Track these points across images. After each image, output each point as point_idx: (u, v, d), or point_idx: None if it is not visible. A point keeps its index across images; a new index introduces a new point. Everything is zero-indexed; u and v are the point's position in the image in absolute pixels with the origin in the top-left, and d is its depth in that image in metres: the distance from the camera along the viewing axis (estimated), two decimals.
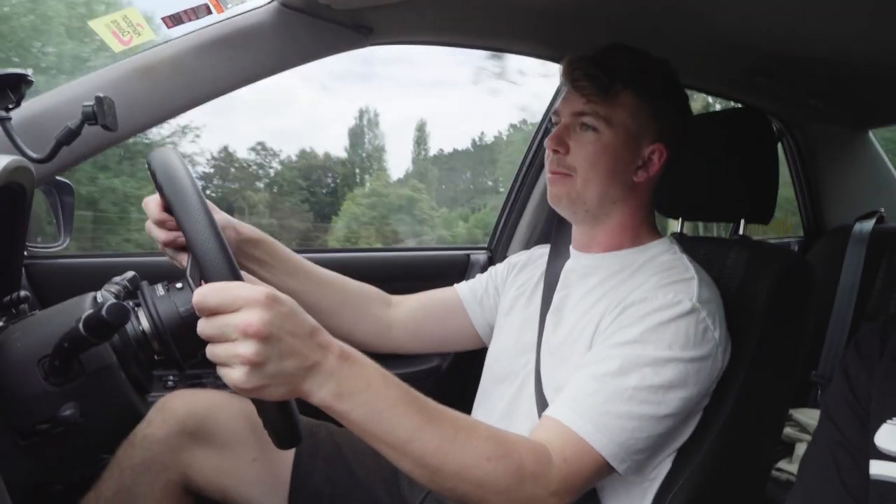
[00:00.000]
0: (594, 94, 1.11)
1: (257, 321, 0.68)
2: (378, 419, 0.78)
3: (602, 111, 1.11)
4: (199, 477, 1.17)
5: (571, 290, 1.18)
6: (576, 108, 1.13)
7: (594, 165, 1.12)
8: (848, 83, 1.70)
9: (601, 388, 0.95)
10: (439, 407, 0.84)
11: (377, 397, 0.78)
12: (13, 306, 0.90)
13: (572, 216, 1.20)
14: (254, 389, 0.70)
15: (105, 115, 0.97)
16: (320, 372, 0.74)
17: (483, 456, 0.84)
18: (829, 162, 2.29)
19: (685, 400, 0.97)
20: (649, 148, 1.14)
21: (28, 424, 0.75)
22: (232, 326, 0.68)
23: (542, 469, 0.88)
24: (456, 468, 0.82)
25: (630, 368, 0.96)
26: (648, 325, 0.99)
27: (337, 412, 0.76)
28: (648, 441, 0.96)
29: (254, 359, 0.68)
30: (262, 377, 0.69)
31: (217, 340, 0.70)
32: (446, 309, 1.39)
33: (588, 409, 0.94)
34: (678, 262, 1.11)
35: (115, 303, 0.71)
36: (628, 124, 1.12)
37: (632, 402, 0.94)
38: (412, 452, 0.80)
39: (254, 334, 0.68)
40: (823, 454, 0.78)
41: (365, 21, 1.33)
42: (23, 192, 0.92)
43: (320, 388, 0.74)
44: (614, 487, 1.07)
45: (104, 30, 1.14)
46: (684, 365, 0.97)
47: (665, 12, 1.33)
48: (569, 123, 1.14)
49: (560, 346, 1.12)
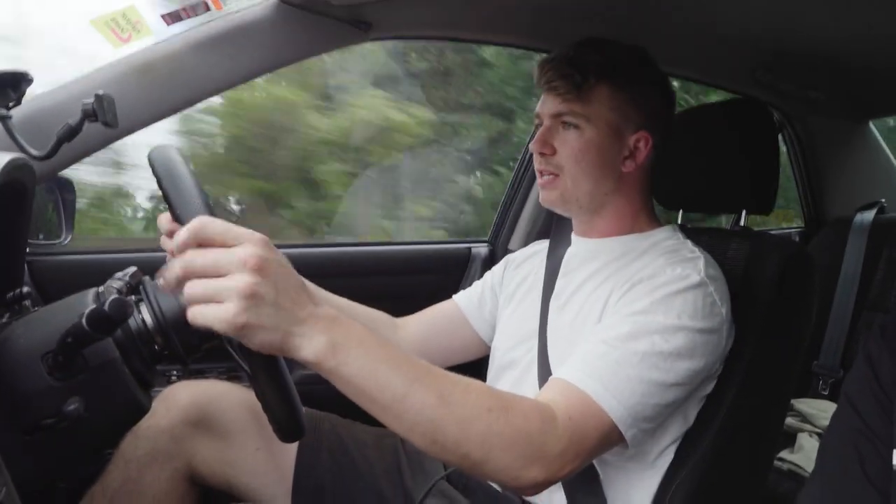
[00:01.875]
0: (569, 92, 1.12)
1: (258, 255, 0.67)
2: (372, 374, 0.74)
3: (579, 109, 1.12)
4: (204, 467, 1.18)
5: (575, 274, 1.19)
6: (554, 110, 1.15)
7: (580, 162, 1.13)
8: (848, 74, 1.69)
9: (611, 351, 0.95)
10: (433, 366, 0.81)
11: (370, 352, 0.75)
12: (16, 302, 0.90)
13: (568, 213, 1.22)
14: (245, 327, 0.66)
15: (105, 112, 0.97)
16: (312, 325, 0.71)
17: (484, 407, 0.81)
18: (829, 153, 2.29)
19: (691, 371, 0.97)
20: (634, 137, 1.15)
21: (32, 420, 0.75)
22: (229, 258, 0.66)
23: (548, 426, 0.85)
24: (456, 422, 0.78)
25: (640, 334, 0.96)
26: (658, 296, 1.00)
27: (328, 368, 0.73)
28: (655, 410, 0.95)
29: (251, 291, 0.65)
30: (257, 314, 0.66)
31: (205, 274, 0.67)
32: (450, 321, 1.41)
33: (596, 369, 0.93)
34: (682, 245, 1.13)
35: (117, 298, 0.71)
36: (608, 117, 1.13)
37: (641, 365, 0.94)
38: (410, 408, 0.76)
39: (254, 266, 0.66)
40: (844, 442, 0.76)
41: (364, 16, 1.33)
42: (24, 189, 0.93)
43: (311, 342, 0.71)
44: (618, 478, 1.07)
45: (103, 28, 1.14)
46: (693, 335, 0.97)
47: (664, 5, 1.33)
48: (550, 125, 1.16)
49: (568, 328, 1.13)
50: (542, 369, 1.13)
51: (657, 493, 1.08)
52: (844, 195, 2.29)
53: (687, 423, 1.08)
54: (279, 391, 0.75)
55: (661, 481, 1.08)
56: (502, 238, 2.04)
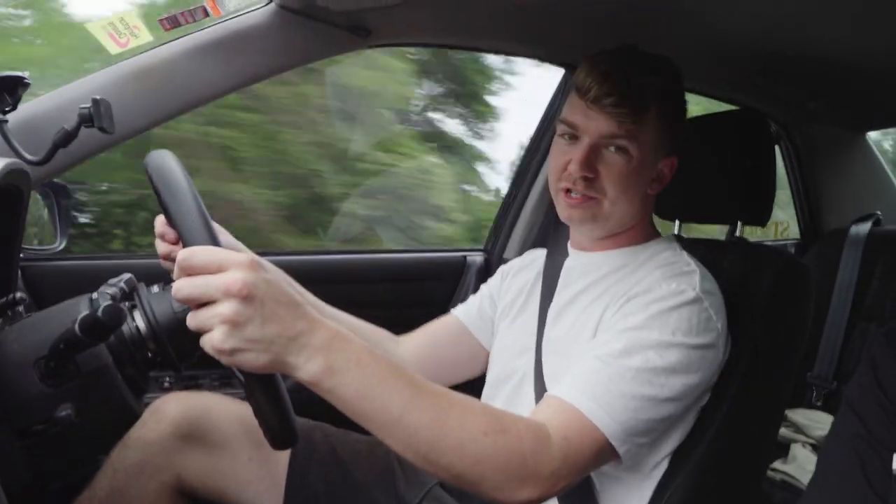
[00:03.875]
0: (626, 116, 1.05)
1: (241, 280, 0.68)
2: (369, 395, 0.75)
3: (634, 133, 1.06)
4: (194, 479, 1.17)
5: (572, 287, 1.18)
6: (607, 131, 1.06)
7: (625, 188, 1.08)
8: (846, 85, 1.70)
9: (604, 368, 0.95)
10: (432, 383, 0.82)
11: (367, 373, 0.75)
12: (9, 308, 0.90)
13: (589, 232, 1.17)
14: (231, 352, 0.68)
15: (102, 117, 0.97)
16: (306, 345, 0.72)
17: (480, 430, 0.81)
18: (826, 164, 2.30)
19: (687, 386, 0.97)
20: (664, 161, 1.14)
21: (24, 425, 0.75)
22: (214, 286, 0.68)
23: (542, 447, 0.86)
24: (451, 443, 0.79)
25: (634, 350, 0.96)
26: (653, 311, 0.99)
27: (325, 389, 0.74)
28: (649, 425, 0.95)
29: (233, 318, 0.67)
30: (241, 339, 0.68)
31: (197, 301, 0.69)
32: (450, 335, 1.38)
33: (590, 386, 0.93)
34: (679, 257, 1.12)
35: (110, 304, 0.71)
36: (653, 141, 1.09)
37: (634, 381, 0.93)
38: (405, 428, 0.77)
39: (236, 293, 0.67)
40: (845, 448, 0.75)
41: (363, 23, 1.34)
42: (19, 194, 0.93)
43: (307, 363, 0.72)
44: (612, 488, 1.07)
45: (101, 32, 1.14)
46: (688, 351, 0.97)
47: (664, 13, 1.33)
48: (596, 144, 1.07)
49: (562, 342, 1.12)
50: (538, 382, 1.12)
51: (651, 502, 1.07)
52: (841, 207, 2.29)
53: (682, 434, 1.07)
54: (272, 398, 0.75)
55: (654, 492, 1.07)
56: (498, 247, 2.04)
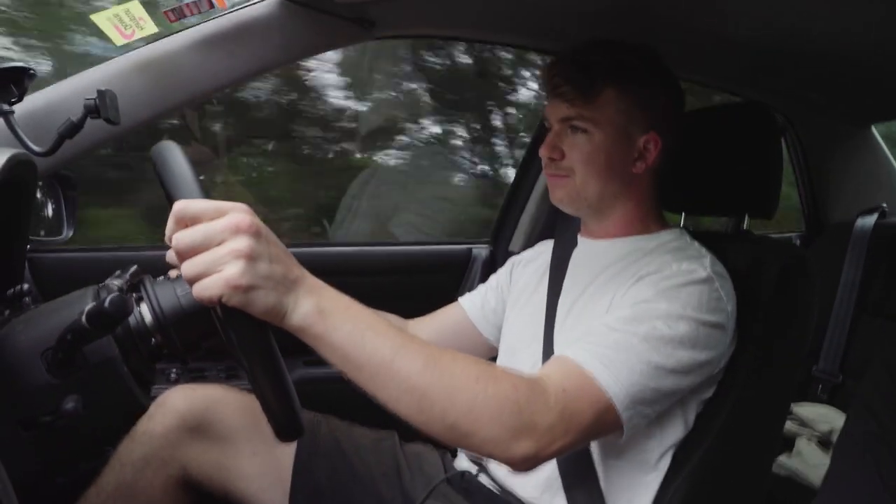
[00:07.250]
0: (576, 97, 1.12)
1: (248, 219, 0.68)
2: (360, 340, 0.74)
3: (587, 113, 1.12)
4: (200, 472, 1.18)
5: (582, 274, 1.19)
6: (561, 114, 1.14)
7: (590, 165, 1.13)
8: (850, 78, 1.69)
9: (612, 332, 0.95)
10: (419, 337, 0.82)
11: (358, 318, 0.75)
12: (16, 299, 0.90)
13: (576, 213, 1.22)
14: (248, 288, 0.67)
15: (107, 108, 0.97)
16: (302, 286, 0.72)
17: (472, 377, 0.80)
18: (831, 157, 2.29)
19: (694, 361, 0.97)
20: (643, 138, 1.15)
21: (31, 416, 0.75)
22: (220, 227, 0.67)
23: (538, 396, 0.84)
24: (443, 390, 0.78)
25: (642, 318, 0.96)
26: (663, 287, 1.00)
27: (318, 332, 0.73)
28: (654, 394, 0.94)
29: (249, 252, 0.67)
30: (256, 276, 0.68)
31: (199, 249, 0.68)
32: (456, 324, 1.41)
33: (596, 346, 0.93)
34: (689, 245, 1.13)
35: (117, 295, 0.71)
36: (616, 120, 1.12)
37: (641, 346, 0.93)
38: (397, 374, 0.75)
39: (246, 229, 0.68)
40: (859, 448, 0.76)
41: (367, 14, 1.33)
42: (26, 185, 0.93)
43: (302, 303, 0.72)
44: (619, 481, 1.07)
45: (106, 24, 1.14)
46: (697, 326, 0.97)
47: (667, 6, 1.33)
48: (558, 129, 1.16)
49: (573, 330, 1.13)
50: None
51: (657, 496, 1.07)
52: (846, 199, 2.29)
53: (687, 426, 1.07)
54: (278, 389, 0.75)
55: (660, 486, 1.07)
56: (503, 239, 2.04)
